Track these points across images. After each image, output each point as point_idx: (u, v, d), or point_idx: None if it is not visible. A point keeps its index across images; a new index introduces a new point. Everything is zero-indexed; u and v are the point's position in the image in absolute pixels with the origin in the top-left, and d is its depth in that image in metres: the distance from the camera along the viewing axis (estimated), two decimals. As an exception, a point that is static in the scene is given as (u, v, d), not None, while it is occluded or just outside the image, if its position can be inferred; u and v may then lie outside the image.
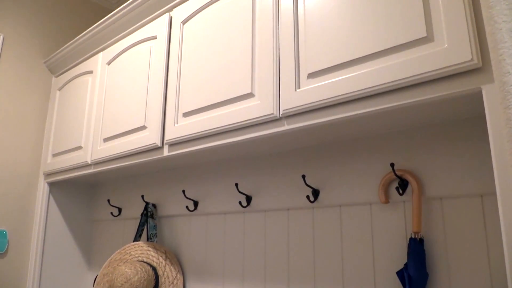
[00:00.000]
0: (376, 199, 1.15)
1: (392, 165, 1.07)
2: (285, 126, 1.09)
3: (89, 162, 1.77)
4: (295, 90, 1.07)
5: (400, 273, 1.07)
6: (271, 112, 1.11)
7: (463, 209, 1.02)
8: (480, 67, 0.81)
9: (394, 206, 1.14)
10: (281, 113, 1.09)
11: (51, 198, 2.11)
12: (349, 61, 0.99)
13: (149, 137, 1.47)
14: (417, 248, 1.03)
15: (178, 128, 1.37)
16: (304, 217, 1.32)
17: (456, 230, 1.02)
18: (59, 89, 2.14)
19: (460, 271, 1.00)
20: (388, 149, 1.16)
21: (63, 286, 2.09)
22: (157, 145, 1.43)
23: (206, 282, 1.58)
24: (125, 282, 1.49)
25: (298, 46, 1.10)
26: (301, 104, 1.05)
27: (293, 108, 1.06)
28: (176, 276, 1.62)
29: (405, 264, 1.05)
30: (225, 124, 1.22)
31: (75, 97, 1.98)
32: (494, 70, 0.69)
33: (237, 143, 1.22)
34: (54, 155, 2.04)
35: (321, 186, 1.28)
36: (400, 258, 1.10)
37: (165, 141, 1.41)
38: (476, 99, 0.88)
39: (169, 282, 1.60)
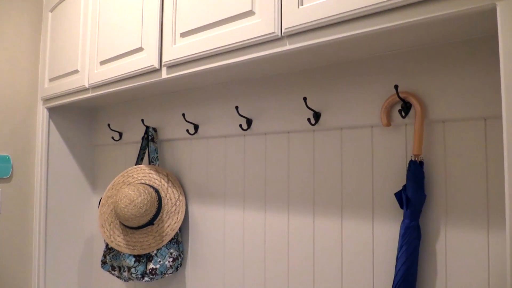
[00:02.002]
0: (378, 122, 1.14)
1: (396, 87, 1.04)
2: (287, 46, 1.05)
3: (87, 86, 1.73)
4: (298, 7, 1.01)
5: (398, 195, 1.08)
6: (272, 31, 1.06)
7: (465, 133, 1.01)
8: (496, -20, 0.76)
9: (395, 129, 1.13)
10: (282, 32, 1.04)
11: (51, 124, 2.11)
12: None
13: (147, 59, 1.42)
14: (416, 170, 1.04)
15: (176, 49, 1.32)
16: (304, 140, 1.32)
17: (456, 153, 1.02)
18: (51, 11, 2.05)
19: (458, 193, 1.01)
20: (392, 71, 1.13)
21: (69, 209, 2.16)
22: (155, 67, 1.39)
23: (207, 204, 1.63)
24: (129, 204, 1.53)
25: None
26: (304, 22, 0.99)
27: (295, 26, 1.01)
28: (178, 198, 1.66)
29: (404, 186, 1.07)
30: (224, 44, 1.17)
31: (68, 18, 1.90)
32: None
33: (236, 64, 1.18)
34: (51, 80, 2.00)
35: (323, 108, 1.26)
36: (399, 181, 1.11)
37: (163, 63, 1.37)
38: (487, 16, 0.83)
39: (171, 203, 1.64)
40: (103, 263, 1.78)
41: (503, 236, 0.94)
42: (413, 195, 1.03)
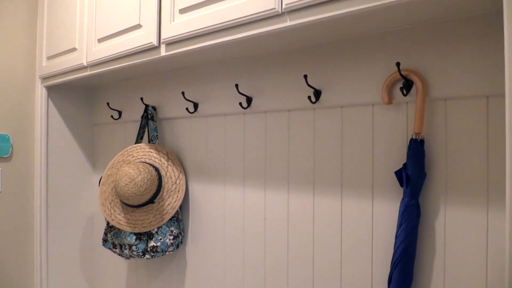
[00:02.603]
0: (379, 100, 1.13)
1: (397, 64, 1.03)
2: (287, 22, 1.03)
3: (85, 64, 1.72)
4: (299, -18, 0.99)
5: (398, 173, 1.08)
6: (273, 7, 1.04)
7: (466, 111, 1.00)
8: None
9: (397, 107, 1.12)
10: (283, 7, 1.02)
11: (50, 102, 2.09)
12: None
13: (145, 36, 1.40)
14: (417, 148, 1.04)
15: (175, 26, 1.30)
16: (305, 118, 1.31)
17: (457, 132, 1.01)
18: (47, -14, 2.01)
19: (458, 172, 1.01)
20: (394, 48, 1.11)
21: (69, 188, 2.17)
22: (154, 44, 1.37)
23: (208, 182, 1.63)
24: (129, 182, 1.53)
25: None
26: (305, -3, 0.98)
27: (296, 2, 0.99)
28: (178, 176, 1.66)
29: (404, 164, 1.06)
30: (224, 21, 1.15)
31: (65, -6, 1.87)
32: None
33: (236, 41, 1.16)
34: (49, 58, 1.98)
35: (323, 86, 1.25)
36: (399, 159, 1.11)
37: (161, 40, 1.35)
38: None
39: (171, 182, 1.65)
40: (104, 241, 1.80)
41: (503, 215, 0.95)
42: (413, 173, 1.03)
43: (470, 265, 0.99)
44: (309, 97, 1.24)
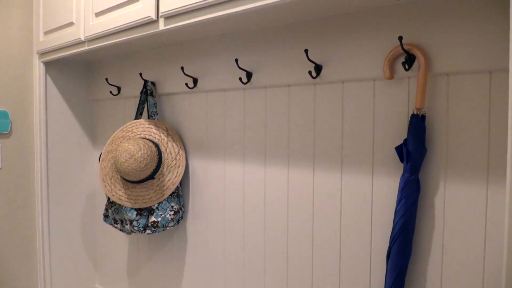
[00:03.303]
0: (381, 75, 1.12)
1: (400, 38, 1.01)
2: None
3: (83, 39, 1.69)
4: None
5: (398, 148, 1.08)
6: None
7: (469, 86, 0.99)
8: None
9: (398, 82, 1.11)
10: (284, -21, 1.00)
11: (48, 78, 2.07)
12: None
13: (143, 10, 1.38)
14: (418, 124, 1.03)
15: (173, -1, 1.27)
16: (305, 94, 1.30)
17: (459, 107, 1.00)
18: (43, -42, 1.97)
19: (459, 148, 1.01)
20: (396, 22, 1.09)
21: (70, 164, 2.17)
22: (152, 18, 1.35)
23: (208, 158, 1.63)
24: (129, 158, 1.53)
25: None
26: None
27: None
28: (178, 152, 1.66)
29: (405, 140, 1.06)
30: (223, -7, 1.13)
31: (61, -34, 1.83)
32: None
33: (235, 14, 1.14)
34: (46, 33, 1.95)
35: (324, 61, 1.23)
36: (400, 135, 1.10)
37: (160, 14, 1.33)
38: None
39: (171, 158, 1.64)
40: (105, 216, 1.81)
41: (503, 191, 0.95)
42: (414, 149, 1.03)
43: (468, 240, 1.00)
44: (309, 72, 1.23)
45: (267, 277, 1.45)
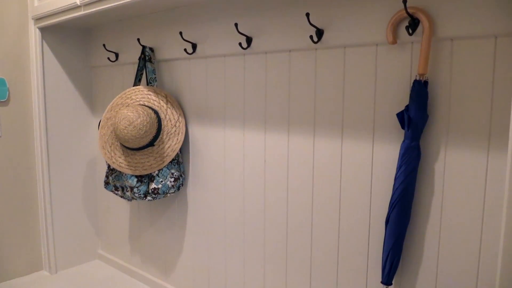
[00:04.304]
0: (383, 39, 1.09)
1: (404, 1, 0.98)
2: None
3: (78, 3, 1.65)
4: None
5: (400, 115, 1.07)
6: None
7: (473, 51, 0.97)
8: None
9: (401, 47, 1.08)
10: None
11: (45, 45, 2.04)
12: None
13: (140, -28, 1.34)
14: (420, 90, 1.02)
15: (171, -39, 1.23)
16: (306, 59, 1.28)
17: (462, 73, 0.99)
18: None
19: (461, 114, 1.00)
20: (402, -16, 1.06)
21: (69, 131, 2.16)
22: (149, -19, 1.31)
23: (207, 125, 1.62)
24: (129, 125, 1.52)
25: None
26: None
27: None
28: (178, 119, 1.65)
29: (406, 106, 1.05)
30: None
31: None
32: None
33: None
34: (41, -4, 1.90)
35: (326, 25, 1.20)
36: (402, 101, 1.09)
37: (157, -24, 1.29)
38: None
39: (171, 125, 1.64)
40: (106, 183, 1.82)
41: (503, 158, 0.94)
42: (416, 115, 1.02)
43: (467, 206, 1.00)
44: (311, 37, 1.20)
45: (267, 240, 1.47)
